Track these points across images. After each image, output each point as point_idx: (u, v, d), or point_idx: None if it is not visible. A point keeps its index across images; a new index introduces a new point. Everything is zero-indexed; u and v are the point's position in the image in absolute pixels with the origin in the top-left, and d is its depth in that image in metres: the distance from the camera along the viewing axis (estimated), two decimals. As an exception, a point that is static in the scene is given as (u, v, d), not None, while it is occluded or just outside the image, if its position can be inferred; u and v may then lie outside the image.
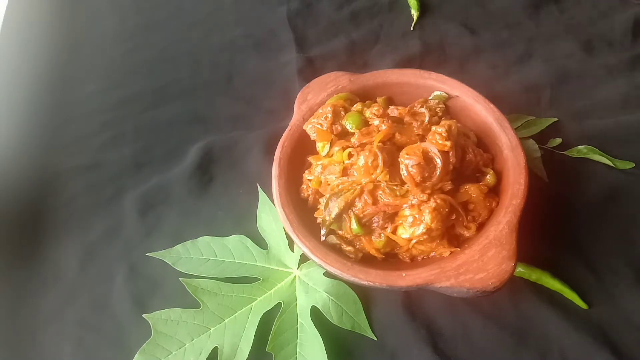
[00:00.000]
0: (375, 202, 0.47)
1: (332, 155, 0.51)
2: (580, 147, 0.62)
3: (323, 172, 0.50)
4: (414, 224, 0.46)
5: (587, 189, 0.59)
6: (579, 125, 0.64)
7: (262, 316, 0.51)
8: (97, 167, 0.65)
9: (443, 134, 0.47)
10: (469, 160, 0.50)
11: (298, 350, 0.49)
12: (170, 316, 0.51)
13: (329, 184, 0.50)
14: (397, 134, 0.50)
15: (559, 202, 0.58)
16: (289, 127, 0.55)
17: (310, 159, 0.53)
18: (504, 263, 0.44)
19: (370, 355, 0.50)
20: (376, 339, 0.51)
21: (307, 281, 0.53)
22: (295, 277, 0.54)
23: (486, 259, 0.44)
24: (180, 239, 0.56)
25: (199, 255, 0.55)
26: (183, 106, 0.71)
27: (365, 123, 0.52)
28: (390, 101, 0.56)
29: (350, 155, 0.49)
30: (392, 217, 0.47)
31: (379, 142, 0.48)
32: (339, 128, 0.52)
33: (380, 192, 0.47)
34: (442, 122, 0.49)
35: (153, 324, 0.50)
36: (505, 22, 0.78)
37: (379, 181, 0.47)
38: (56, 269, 0.57)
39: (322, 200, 0.50)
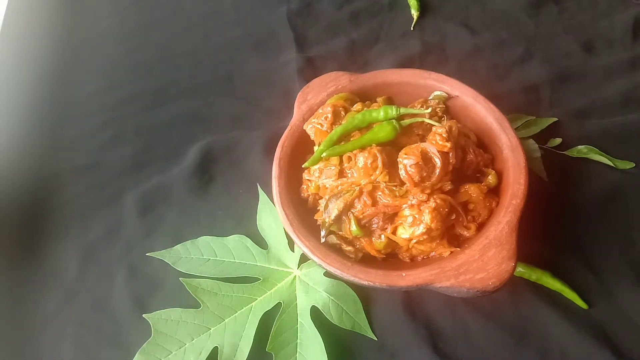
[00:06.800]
0: (374, 203, 0.47)
1: (328, 158, 0.51)
2: (580, 147, 0.62)
3: (320, 176, 0.50)
4: (413, 224, 0.46)
5: (587, 189, 0.59)
6: (579, 125, 0.64)
7: (262, 316, 0.51)
8: (97, 167, 0.65)
9: (443, 135, 0.47)
10: (470, 160, 0.50)
11: (298, 350, 0.49)
12: (170, 316, 0.51)
13: (326, 188, 0.50)
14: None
15: (559, 202, 0.58)
16: (289, 127, 0.55)
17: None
18: (504, 263, 0.44)
19: (370, 355, 0.50)
20: (376, 339, 0.51)
21: (307, 281, 0.53)
22: (295, 277, 0.54)
23: (486, 259, 0.44)
24: (180, 239, 0.56)
25: (199, 255, 0.55)
26: (183, 106, 0.71)
27: (365, 123, 0.52)
28: (390, 101, 0.56)
29: (348, 159, 0.49)
30: (391, 217, 0.47)
31: (378, 142, 0.48)
32: (339, 128, 0.52)
33: (380, 193, 0.47)
34: (443, 123, 0.49)
35: (153, 324, 0.50)
36: (505, 22, 0.78)
37: (378, 182, 0.47)
38: (56, 269, 0.57)
39: (322, 202, 0.50)
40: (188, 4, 0.84)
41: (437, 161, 0.46)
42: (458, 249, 0.47)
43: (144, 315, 0.51)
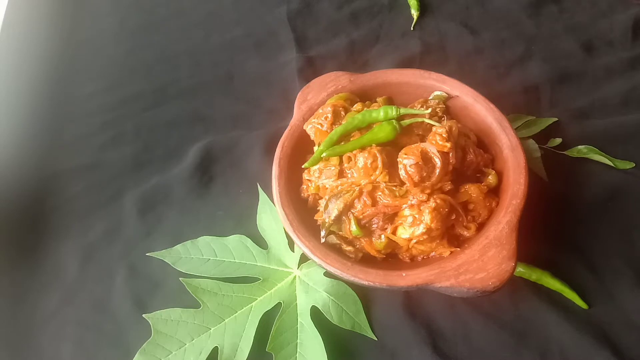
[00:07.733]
0: (374, 203, 0.47)
1: (328, 158, 0.51)
2: (580, 147, 0.62)
3: (320, 176, 0.50)
4: (413, 224, 0.46)
5: (587, 189, 0.59)
6: (579, 125, 0.64)
7: (262, 316, 0.51)
8: (97, 167, 0.65)
9: (443, 135, 0.47)
10: (470, 160, 0.50)
11: (298, 350, 0.49)
12: (170, 316, 0.51)
13: (326, 188, 0.50)
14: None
15: (559, 202, 0.58)
16: (289, 127, 0.55)
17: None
18: (504, 263, 0.44)
19: (370, 355, 0.50)
20: (376, 339, 0.51)
21: (307, 281, 0.53)
22: (295, 277, 0.54)
23: (486, 259, 0.44)
24: (180, 239, 0.56)
25: (199, 255, 0.55)
26: (183, 106, 0.71)
27: (365, 123, 0.52)
28: (390, 101, 0.56)
29: (348, 159, 0.49)
30: (391, 217, 0.47)
31: (378, 143, 0.48)
32: (339, 128, 0.52)
33: (380, 193, 0.47)
34: (443, 123, 0.49)
35: (153, 324, 0.50)
36: (505, 22, 0.78)
37: (378, 182, 0.47)
38: (56, 269, 0.57)
39: (322, 202, 0.50)
40: (188, 4, 0.84)
41: (437, 161, 0.46)
42: (458, 249, 0.47)
43: (144, 315, 0.51)
